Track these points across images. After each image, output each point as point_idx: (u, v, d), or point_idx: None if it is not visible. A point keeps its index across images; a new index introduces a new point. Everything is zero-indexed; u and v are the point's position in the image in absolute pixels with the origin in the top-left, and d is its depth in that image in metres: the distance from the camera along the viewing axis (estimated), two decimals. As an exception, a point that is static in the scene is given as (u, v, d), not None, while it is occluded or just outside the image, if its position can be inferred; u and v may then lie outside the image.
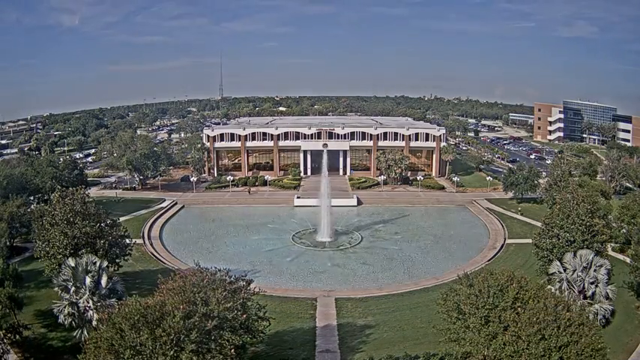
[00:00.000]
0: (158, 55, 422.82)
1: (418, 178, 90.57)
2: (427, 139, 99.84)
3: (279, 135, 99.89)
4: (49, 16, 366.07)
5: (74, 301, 31.63)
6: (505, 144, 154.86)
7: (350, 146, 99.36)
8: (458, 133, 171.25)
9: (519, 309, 26.28)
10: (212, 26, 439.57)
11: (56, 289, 33.10)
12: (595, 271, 34.49)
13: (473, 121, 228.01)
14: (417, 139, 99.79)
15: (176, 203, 78.78)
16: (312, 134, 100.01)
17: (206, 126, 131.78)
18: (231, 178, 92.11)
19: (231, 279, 29.62)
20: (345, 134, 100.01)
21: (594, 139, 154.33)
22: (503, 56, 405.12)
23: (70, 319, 31.38)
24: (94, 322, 29.82)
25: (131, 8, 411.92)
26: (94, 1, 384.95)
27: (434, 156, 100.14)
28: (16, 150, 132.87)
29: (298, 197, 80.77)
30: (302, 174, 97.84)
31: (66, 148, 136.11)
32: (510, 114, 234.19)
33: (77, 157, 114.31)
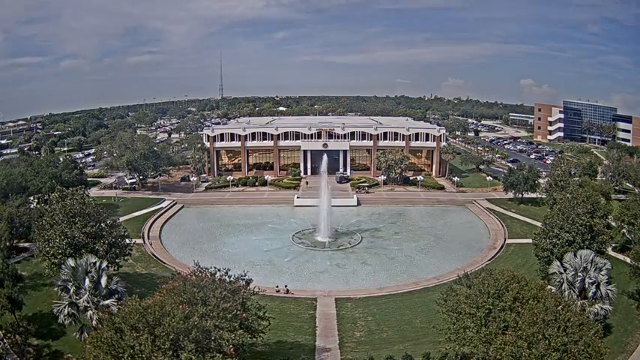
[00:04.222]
0: (161, 65, 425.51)
1: (418, 178, 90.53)
2: (427, 139, 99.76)
3: (279, 135, 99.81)
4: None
5: (74, 301, 31.60)
6: (505, 144, 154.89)
7: (350, 146, 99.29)
8: (458, 133, 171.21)
9: (519, 309, 26.29)
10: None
11: (56, 289, 33.08)
12: (595, 271, 34.42)
13: (473, 121, 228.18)
14: (417, 139, 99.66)
15: (176, 203, 78.73)
16: (312, 134, 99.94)
17: (206, 126, 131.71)
18: (231, 178, 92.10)
19: (231, 279, 29.65)
20: (345, 134, 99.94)
21: (594, 139, 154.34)
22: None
23: (69, 320, 31.34)
24: (94, 323, 29.80)
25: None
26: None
27: (434, 156, 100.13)
28: (16, 150, 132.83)
29: (298, 197, 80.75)
30: (302, 174, 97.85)
31: (66, 148, 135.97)
32: (510, 114, 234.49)
33: (77, 157, 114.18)
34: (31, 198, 68.37)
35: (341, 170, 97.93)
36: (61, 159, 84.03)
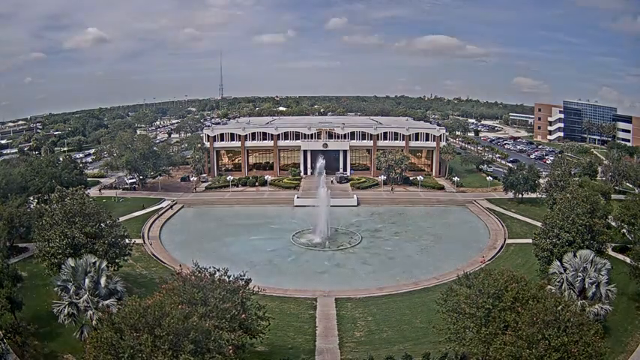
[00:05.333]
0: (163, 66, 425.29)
1: (418, 178, 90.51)
2: (427, 139, 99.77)
3: (279, 135, 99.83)
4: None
5: (74, 301, 31.60)
6: (505, 144, 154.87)
7: (350, 146, 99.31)
8: (458, 133, 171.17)
9: (519, 309, 26.28)
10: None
11: (56, 289, 33.08)
12: (595, 271, 34.42)
13: (473, 121, 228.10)
14: (417, 139, 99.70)
15: (176, 203, 78.72)
16: (312, 134, 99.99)
17: (206, 126, 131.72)
18: (231, 178, 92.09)
19: (230, 279, 29.66)
20: (345, 134, 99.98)
21: (594, 139, 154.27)
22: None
23: (69, 320, 31.34)
24: (94, 323, 29.79)
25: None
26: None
27: (434, 156, 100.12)
28: (16, 150, 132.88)
29: (298, 197, 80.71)
30: (302, 174, 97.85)
31: (66, 148, 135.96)
32: (510, 114, 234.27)
33: (77, 157, 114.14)
34: (31, 198, 68.32)
35: (341, 170, 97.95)
36: (61, 159, 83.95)
